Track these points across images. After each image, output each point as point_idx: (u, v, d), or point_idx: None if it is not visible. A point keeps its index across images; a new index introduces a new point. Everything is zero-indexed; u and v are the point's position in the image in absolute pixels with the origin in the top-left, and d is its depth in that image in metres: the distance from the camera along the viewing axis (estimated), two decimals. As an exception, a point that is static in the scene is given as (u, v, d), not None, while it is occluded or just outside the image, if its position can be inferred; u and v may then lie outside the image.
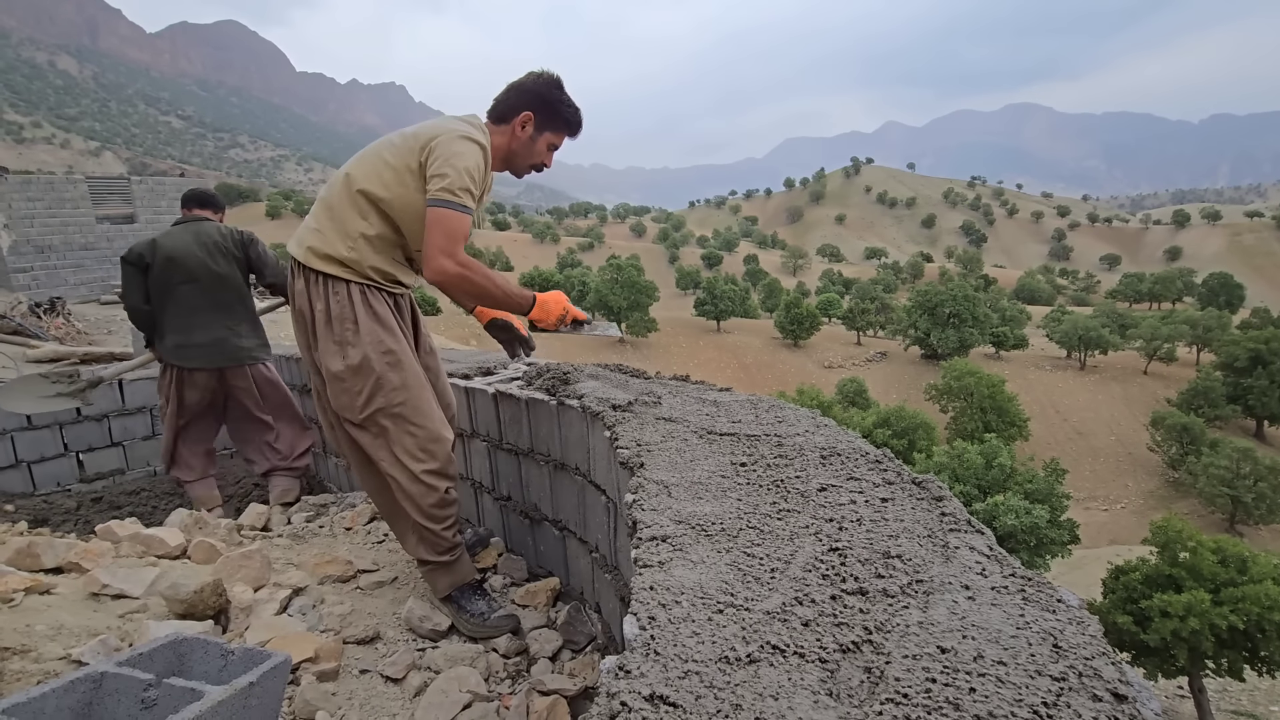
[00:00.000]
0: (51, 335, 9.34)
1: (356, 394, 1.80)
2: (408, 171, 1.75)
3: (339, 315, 1.79)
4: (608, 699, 0.68)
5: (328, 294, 1.79)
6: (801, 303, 47.89)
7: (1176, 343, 41.54)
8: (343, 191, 1.80)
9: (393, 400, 1.81)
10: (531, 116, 1.85)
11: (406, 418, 1.83)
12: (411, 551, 2.00)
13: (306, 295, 1.82)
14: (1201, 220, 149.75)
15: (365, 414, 1.81)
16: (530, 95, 1.85)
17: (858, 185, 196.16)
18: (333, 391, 1.83)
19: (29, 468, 3.87)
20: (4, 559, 2.00)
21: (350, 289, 1.79)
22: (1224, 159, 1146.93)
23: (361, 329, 1.79)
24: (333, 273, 1.79)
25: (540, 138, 1.88)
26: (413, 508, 1.87)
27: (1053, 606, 0.82)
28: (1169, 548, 12.61)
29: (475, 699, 1.65)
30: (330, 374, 1.81)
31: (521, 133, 1.86)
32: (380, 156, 1.79)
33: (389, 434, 1.83)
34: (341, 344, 1.79)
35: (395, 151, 1.77)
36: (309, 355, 1.89)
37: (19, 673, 1.43)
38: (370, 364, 1.79)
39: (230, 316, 3.40)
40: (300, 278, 1.83)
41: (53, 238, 13.38)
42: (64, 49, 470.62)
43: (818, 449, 1.38)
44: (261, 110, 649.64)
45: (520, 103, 1.85)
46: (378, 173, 1.77)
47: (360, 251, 1.78)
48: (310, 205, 2.48)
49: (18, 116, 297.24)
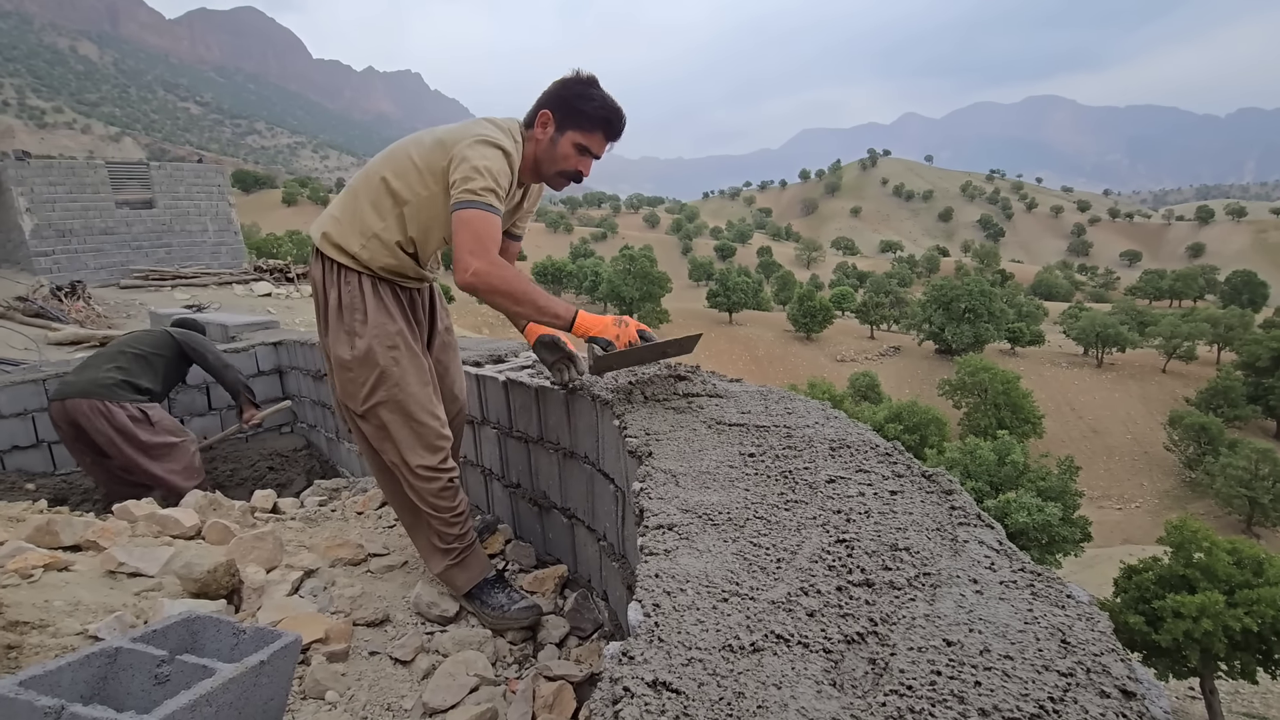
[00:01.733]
0: (72, 318, 9.49)
1: (361, 384, 1.80)
2: (430, 174, 1.71)
3: (349, 305, 1.79)
4: (611, 684, 0.68)
5: (340, 282, 1.79)
6: (815, 295, 47.67)
7: (1197, 341, 40.89)
8: (369, 186, 1.77)
9: (394, 394, 1.80)
10: (550, 116, 1.74)
11: (408, 412, 1.81)
12: (424, 551, 2.01)
13: (322, 282, 1.82)
14: (1226, 216, 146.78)
15: (367, 405, 1.81)
16: (547, 94, 1.75)
17: (874, 177, 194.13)
18: (340, 380, 1.84)
19: (49, 448, 3.94)
20: (24, 536, 2.04)
21: (361, 280, 1.79)
22: (1251, 154, 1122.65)
23: (370, 320, 1.78)
24: (346, 263, 1.78)
25: (562, 138, 1.74)
26: (417, 497, 1.89)
27: (1062, 602, 0.81)
28: (1183, 548, 12.48)
29: (482, 682, 1.67)
30: (339, 362, 1.82)
31: (542, 135, 1.76)
32: (409, 155, 1.74)
33: (389, 427, 1.82)
34: (350, 334, 1.79)
35: (422, 153, 1.72)
36: (322, 340, 1.89)
37: (37, 646, 1.46)
38: (374, 356, 1.78)
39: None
40: (318, 263, 1.83)
41: (73, 222, 13.56)
42: (85, 35, 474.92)
43: (827, 441, 1.37)
44: (278, 97, 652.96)
45: (539, 104, 1.76)
46: (404, 172, 1.74)
47: (372, 250, 1.77)
48: (326, 193, 2.47)
49: (40, 102, 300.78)
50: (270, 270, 14.92)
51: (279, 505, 2.94)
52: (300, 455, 4.43)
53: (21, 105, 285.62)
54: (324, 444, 4.44)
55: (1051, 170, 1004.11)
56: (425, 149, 1.73)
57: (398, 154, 1.77)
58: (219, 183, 16.18)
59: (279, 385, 4.82)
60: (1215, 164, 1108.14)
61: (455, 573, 1.98)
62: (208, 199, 15.78)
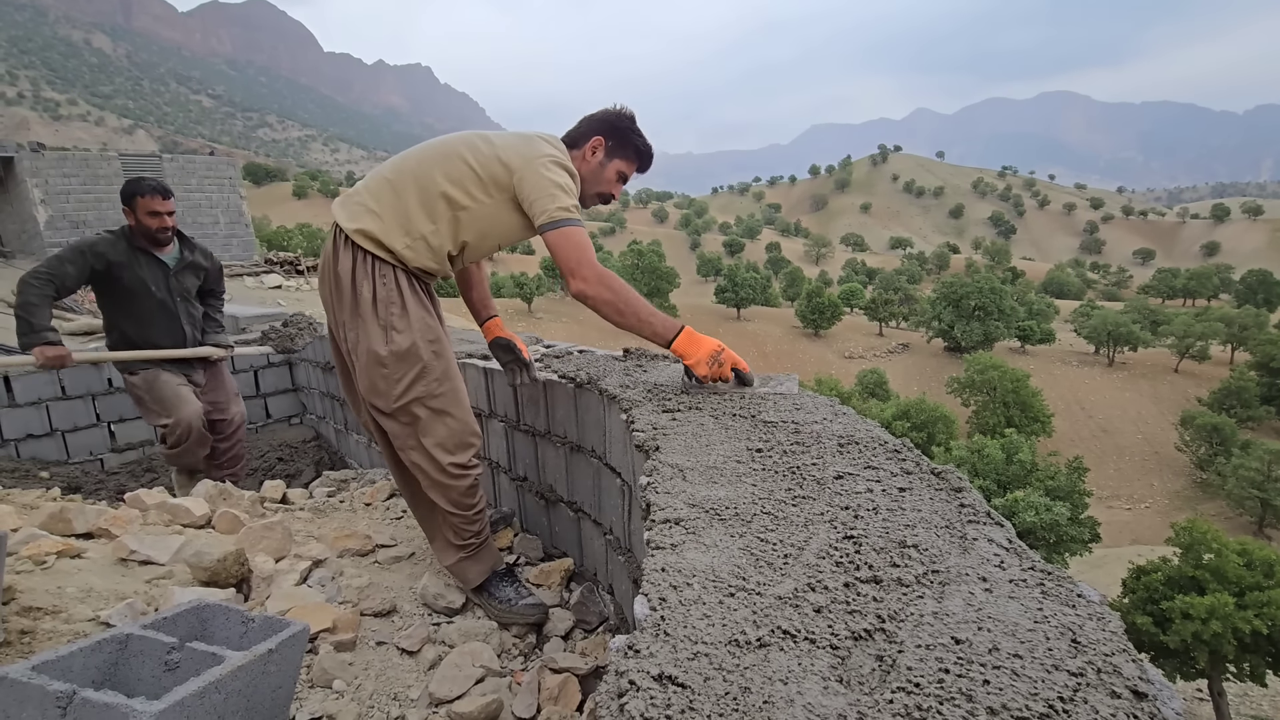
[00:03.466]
0: (86, 309, 9.58)
1: (396, 381, 1.76)
2: (494, 185, 1.73)
3: (385, 299, 1.75)
4: (616, 677, 0.68)
5: (375, 276, 1.75)
6: (823, 292, 47.45)
7: (1210, 341, 40.44)
8: (419, 187, 1.74)
9: (433, 390, 1.79)
10: (602, 142, 1.85)
11: (445, 409, 1.81)
12: (438, 546, 2.00)
13: (352, 274, 1.75)
14: (1242, 215, 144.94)
15: (400, 403, 1.78)
16: (601, 122, 1.86)
17: (885, 173, 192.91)
18: (371, 375, 1.78)
19: (63, 436, 3.99)
20: (38, 523, 2.07)
21: (397, 273, 1.77)
22: (1268, 151, 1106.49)
23: (411, 315, 1.77)
24: (384, 257, 1.76)
25: (610, 165, 1.87)
26: (441, 497, 1.86)
27: (1072, 601, 0.81)
28: (1193, 549, 12.39)
29: (488, 674, 1.68)
30: (373, 358, 1.76)
31: (592, 158, 1.86)
32: (465, 161, 1.73)
33: (421, 423, 1.80)
34: (387, 328, 1.75)
35: (480, 160, 1.73)
36: (340, 332, 1.84)
37: (50, 632, 1.48)
38: (418, 351, 1.76)
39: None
40: (348, 253, 1.76)
41: (87, 213, 13.66)
42: (99, 27, 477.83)
43: (835, 436, 1.36)
44: (289, 90, 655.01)
45: (591, 129, 1.86)
46: (461, 178, 1.73)
47: (416, 250, 1.75)
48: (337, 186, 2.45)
49: (54, 94, 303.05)
50: (281, 263, 15.00)
51: (288, 496, 2.96)
52: (309, 447, 4.47)
53: (36, 97, 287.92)
54: (333, 436, 4.47)
55: (1065, 167, 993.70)
56: (484, 159, 1.73)
57: (451, 157, 1.75)
58: (230, 175, 16.27)
59: (289, 377, 4.86)
60: (1231, 161, 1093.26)
61: (467, 565, 1.98)
62: (219, 191, 15.88)
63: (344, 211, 1.77)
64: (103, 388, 4.12)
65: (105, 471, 4.03)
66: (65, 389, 3.99)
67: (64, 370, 3.91)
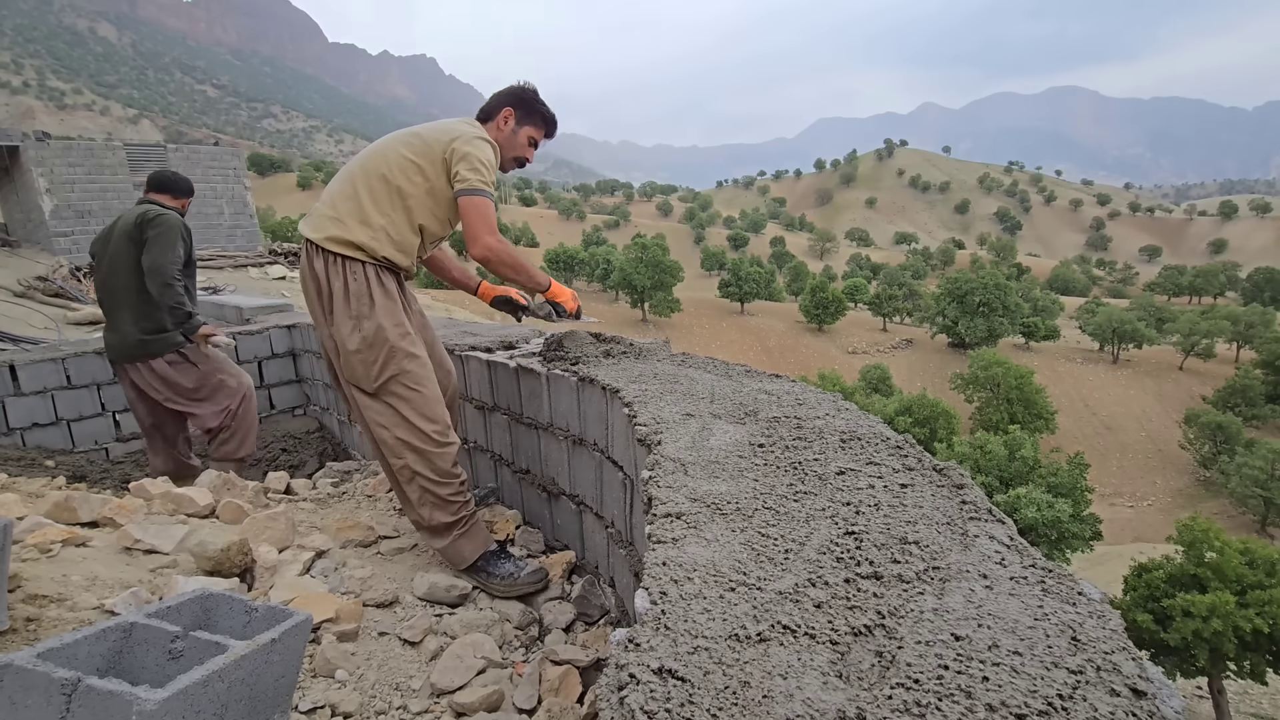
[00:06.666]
0: (91, 298, 9.60)
1: (371, 364, 1.95)
2: (430, 167, 1.96)
3: (356, 292, 1.95)
4: (617, 670, 0.69)
5: (346, 273, 1.95)
6: (827, 287, 47.30)
7: (1216, 339, 40.23)
8: (366, 185, 1.96)
9: (404, 367, 1.96)
10: (512, 113, 2.11)
11: (418, 385, 1.98)
12: (426, 521, 2.04)
13: (325, 274, 1.96)
14: (1250, 212, 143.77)
15: (379, 382, 1.96)
16: (510, 95, 2.13)
17: (890, 168, 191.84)
18: (348, 364, 1.97)
19: (69, 425, 4.00)
20: (43, 512, 2.08)
21: (366, 269, 1.97)
22: (1278, 149, 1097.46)
23: (377, 304, 1.96)
24: (352, 255, 1.95)
25: (521, 131, 2.13)
26: (427, 467, 1.98)
27: (1073, 599, 0.81)
28: (1195, 547, 12.37)
29: (489, 665, 1.69)
30: (346, 348, 1.95)
31: (505, 127, 2.11)
32: (400, 153, 1.96)
33: (400, 398, 1.97)
34: (358, 318, 1.94)
35: (416, 150, 1.96)
36: (325, 329, 2.02)
37: (55, 620, 1.49)
38: (385, 334, 1.95)
39: (122, 310, 3.24)
40: (320, 258, 1.97)
41: (92, 203, 13.67)
42: (104, 16, 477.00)
43: (838, 432, 1.36)
44: (294, 80, 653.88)
45: (501, 102, 2.12)
46: (404, 168, 1.95)
47: (380, 241, 1.96)
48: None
49: (59, 83, 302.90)
50: (285, 253, 15.01)
51: (291, 486, 2.98)
52: (313, 438, 4.48)
53: (41, 86, 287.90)
54: (336, 427, 4.48)
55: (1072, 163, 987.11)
56: (417, 148, 1.96)
57: (388, 153, 1.98)
58: (235, 166, 16.25)
59: (293, 368, 4.87)
60: (1240, 158, 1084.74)
61: (463, 543, 2.05)
62: (224, 182, 15.86)
63: (309, 226, 2.01)
64: (107, 377, 4.13)
65: (110, 460, 4.05)
66: (71, 378, 4.01)
67: (70, 359, 3.97)
